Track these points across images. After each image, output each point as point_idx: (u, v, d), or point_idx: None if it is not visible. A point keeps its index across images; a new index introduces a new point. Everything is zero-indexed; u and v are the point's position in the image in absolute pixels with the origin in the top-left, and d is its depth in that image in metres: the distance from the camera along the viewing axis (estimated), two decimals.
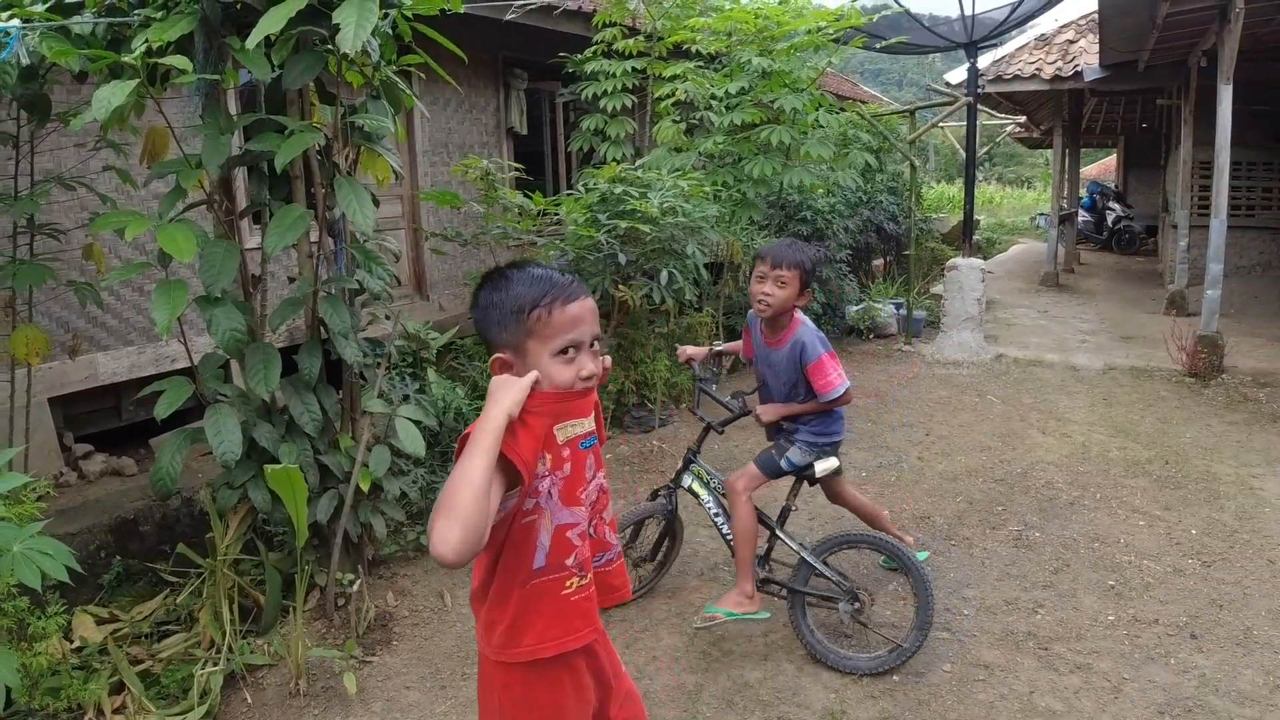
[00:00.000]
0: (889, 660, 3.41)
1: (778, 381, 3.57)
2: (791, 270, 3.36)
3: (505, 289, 1.78)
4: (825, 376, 3.43)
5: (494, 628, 1.84)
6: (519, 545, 1.79)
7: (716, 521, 3.70)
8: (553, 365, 1.75)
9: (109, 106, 2.63)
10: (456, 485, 1.56)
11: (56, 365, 5.24)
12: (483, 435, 1.61)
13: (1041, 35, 12.95)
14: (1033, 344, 9.04)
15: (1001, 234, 21.66)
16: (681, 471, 3.76)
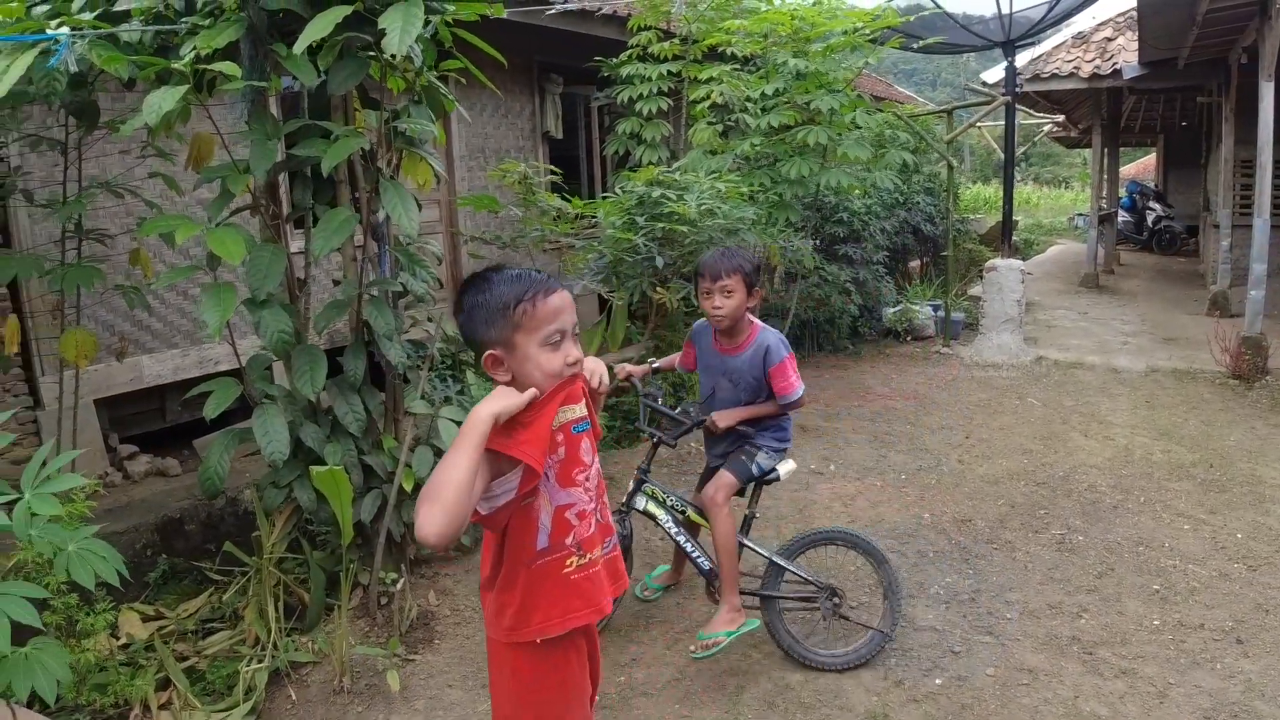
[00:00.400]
0: (871, 647, 3.46)
1: (735, 389, 3.50)
2: (732, 277, 3.33)
3: (488, 290, 1.89)
4: (787, 379, 3.41)
5: (504, 611, 1.94)
6: (523, 527, 1.91)
7: (679, 540, 3.53)
8: (541, 354, 1.87)
9: (159, 111, 2.68)
10: (443, 476, 1.67)
11: (102, 368, 5.34)
12: (470, 432, 1.72)
13: (1079, 33, 12.79)
14: (1073, 346, 8.93)
15: (1039, 235, 21.43)
16: (634, 493, 3.54)
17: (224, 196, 3.10)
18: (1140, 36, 10.06)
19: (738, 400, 3.49)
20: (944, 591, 4.04)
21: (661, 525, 3.52)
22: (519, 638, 1.95)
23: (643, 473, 3.54)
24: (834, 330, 8.60)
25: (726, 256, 3.40)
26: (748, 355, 3.44)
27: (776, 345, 3.42)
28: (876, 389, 7.41)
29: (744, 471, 3.48)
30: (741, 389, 3.47)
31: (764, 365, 3.39)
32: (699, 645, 3.34)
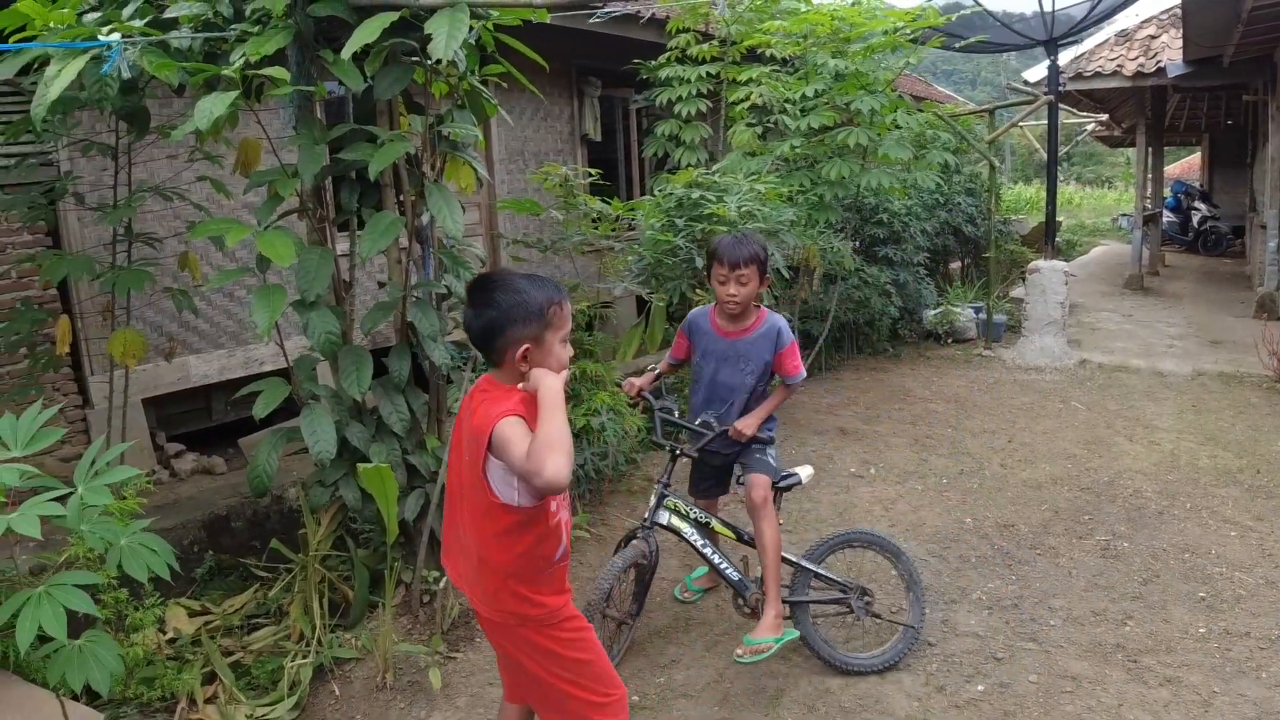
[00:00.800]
0: (904, 645, 3.46)
1: (741, 371, 3.50)
2: (750, 266, 3.36)
3: (522, 292, 2.20)
4: (796, 359, 3.51)
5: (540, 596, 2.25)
6: (551, 539, 2.24)
7: (705, 554, 3.43)
8: (559, 348, 2.24)
9: (210, 116, 2.73)
10: (559, 431, 1.95)
11: (150, 367, 5.45)
12: (559, 398, 2.04)
13: (1122, 31, 12.60)
14: (1118, 349, 8.80)
15: (1082, 235, 21.12)
16: (656, 508, 3.41)
17: (273, 200, 3.15)
18: (1184, 34, 9.90)
19: (745, 384, 3.51)
20: (986, 597, 4.00)
21: (686, 539, 3.44)
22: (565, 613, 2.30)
23: (663, 487, 3.45)
24: (874, 332, 8.55)
25: (743, 244, 3.40)
26: (757, 336, 3.48)
27: (786, 328, 3.50)
28: (917, 392, 7.35)
29: (769, 468, 3.49)
30: (748, 372, 3.49)
31: (775, 346, 3.45)
32: (746, 650, 3.23)
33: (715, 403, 3.56)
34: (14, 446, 2.25)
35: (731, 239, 3.46)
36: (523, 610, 2.24)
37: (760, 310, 3.53)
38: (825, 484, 5.32)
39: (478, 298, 2.23)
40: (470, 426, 2.20)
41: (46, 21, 3.16)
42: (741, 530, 3.53)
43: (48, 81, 2.89)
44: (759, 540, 3.39)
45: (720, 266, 3.40)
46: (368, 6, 3.05)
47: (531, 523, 2.18)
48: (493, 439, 2.06)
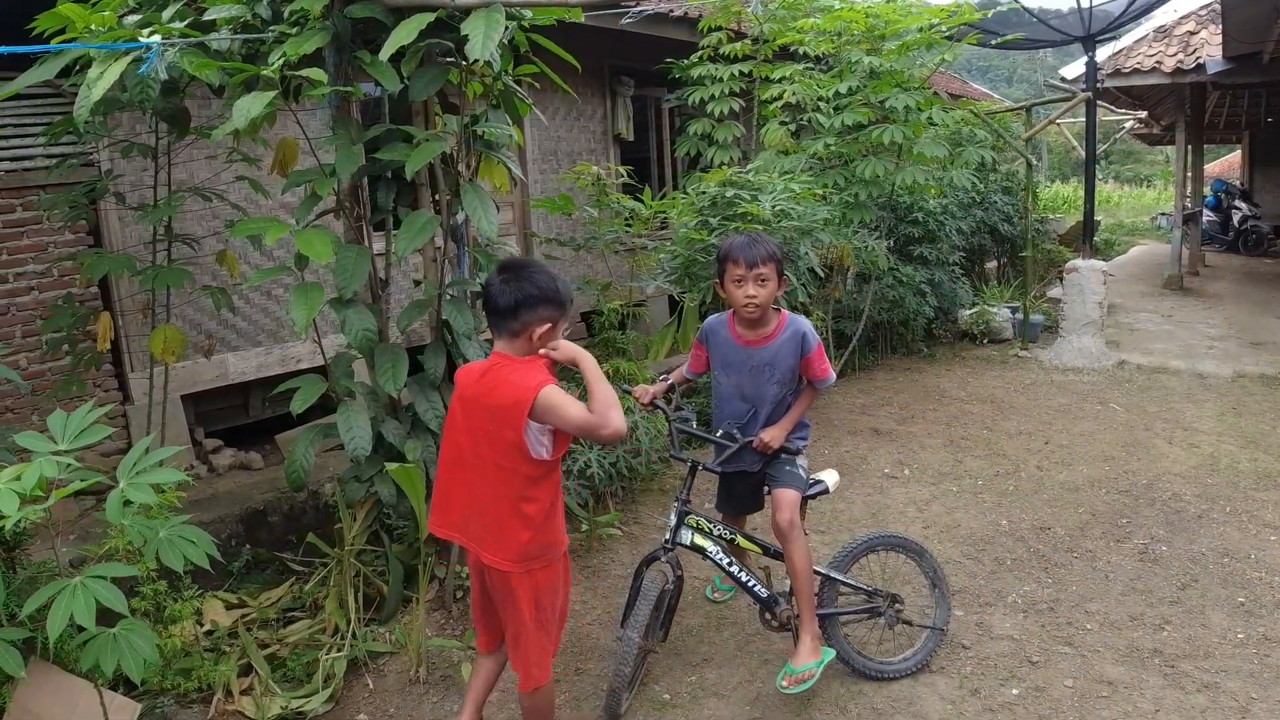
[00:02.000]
0: (931, 646, 3.46)
1: (767, 381, 3.29)
2: (768, 265, 3.17)
3: (557, 280, 2.58)
4: (825, 362, 3.31)
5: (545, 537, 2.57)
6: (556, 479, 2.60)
7: (732, 572, 3.27)
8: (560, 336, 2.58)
9: (248, 116, 2.77)
10: (612, 393, 2.41)
11: (189, 365, 5.53)
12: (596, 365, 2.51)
13: (1161, 27, 12.41)
14: (1157, 350, 8.67)
15: (1120, 235, 20.83)
16: (677, 527, 3.21)
17: (311, 199, 3.19)
18: (1223, 30, 9.73)
19: (770, 394, 3.30)
20: (1022, 600, 3.96)
21: (711, 558, 3.26)
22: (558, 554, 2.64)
23: (683, 504, 3.23)
24: (908, 332, 8.48)
25: (759, 243, 3.22)
26: (781, 342, 3.28)
27: (810, 330, 3.30)
28: (952, 392, 7.29)
29: (799, 481, 3.29)
30: (775, 380, 3.28)
31: (800, 350, 3.25)
32: (790, 680, 3.11)
33: (739, 415, 3.34)
34: (62, 441, 2.29)
35: (744, 238, 3.28)
36: (542, 554, 2.58)
37: (780, 314, 3.34)
38: (859, 485, 5.29)
39: (516, 274, 2.55)
40: (495, 397, 2.49)
41: (87, 24, 3.22)
42: (769, 544, 3.34)
43: (90, 83, 2.95)
44: (790, 565, 3.21)
45: (736, 266, 3.21)
46: (404, 8, 3.08)
47: (553, 470, 2.56)
48: (537, 405, 2.39)
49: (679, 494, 3.25)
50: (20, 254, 4.91)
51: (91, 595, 2.14)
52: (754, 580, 3.28)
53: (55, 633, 2.08)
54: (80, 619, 2.08)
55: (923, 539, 4.54)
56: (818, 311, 6.96)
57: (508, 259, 2.75)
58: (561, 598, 2.72)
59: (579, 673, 3.48)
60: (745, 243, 3.24)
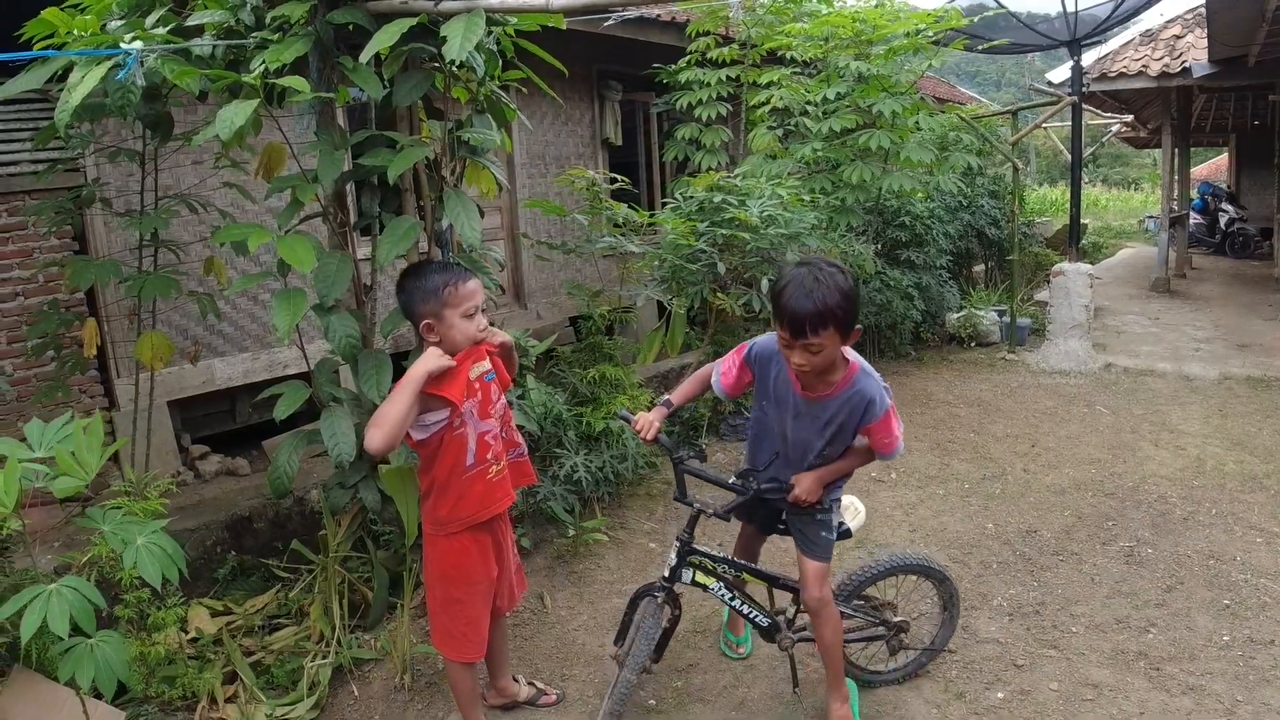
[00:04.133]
0: (925, 660, 3.42)
1: (816, 432, 2.83)
2: (821, 333, 2.52)
3: (424, 277, 2.71)
4: (890, 434, 2.77)
5: (440, 510, 2.77)
6: (455, 450, 2.73)
7: (733, 606, 3.09)
8: (460, 323, 2.68)
9: (232, 126, 2.75)
10: (387, 410, 2.52)
11: (175, 370, 5.50)
12: (409, 383, 2.55)
13: (1146, 31, 12.47)
14: (1143, 352, 8.71)
15: (1108, 238, 20.93)
16: (678, 567, 2.98)
17: (293, 205, 3.18)
18: (1209, 33, 9.78)
19: (815, 446, 2.85)
20: (1008, 603, 3.97)
21: (714, 594, 3.07)
22: (454, 528, 2.78)
23: (685, 543, 2.97)
24: (896, 336, 8.51)
25: (814, 296, 2.49)
26: (841, 402, 2.74)
27: (879, 396, 2.72)
28: (939, 396, 7.31)
29: (825, 546, 2.96)
30: (825, 435, 2.81)
31: (860, 419, 2.75)
32: None
33: (780, 458, 2.94)
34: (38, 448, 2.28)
35: (800, 285, 2.52)
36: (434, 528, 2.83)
37: (850, 366, 2.74)
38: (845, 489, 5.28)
39: (398, 283, 2.79)
40: None
41: (70, 29, 3.22)
42: (776, 576, 3.16)
43: (70, 88, 2.93)
44: (819, 643, 2.99)
45: (782, 329, 2.59)
46: (386, 13, 3.07)
47: (435, 452, 2.73)
48: None
49: (682, 534, 2.98)
50: (6, 259, 4.89)
51: (66, 603, 2.13)
52: (755, 611, 3.10)
53: (27, 636, 2.08)
54: (54, 627, 2.07)
55: (909, 542, 4.57)
56: None
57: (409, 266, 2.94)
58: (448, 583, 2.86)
59: (565, 678, 3.47)
60: (798, 295, 2.51)
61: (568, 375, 4.93)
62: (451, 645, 2.89)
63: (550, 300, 8.16)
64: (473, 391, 2.74)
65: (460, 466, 2.74)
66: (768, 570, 3.20)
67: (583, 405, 4.76)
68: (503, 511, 2.92)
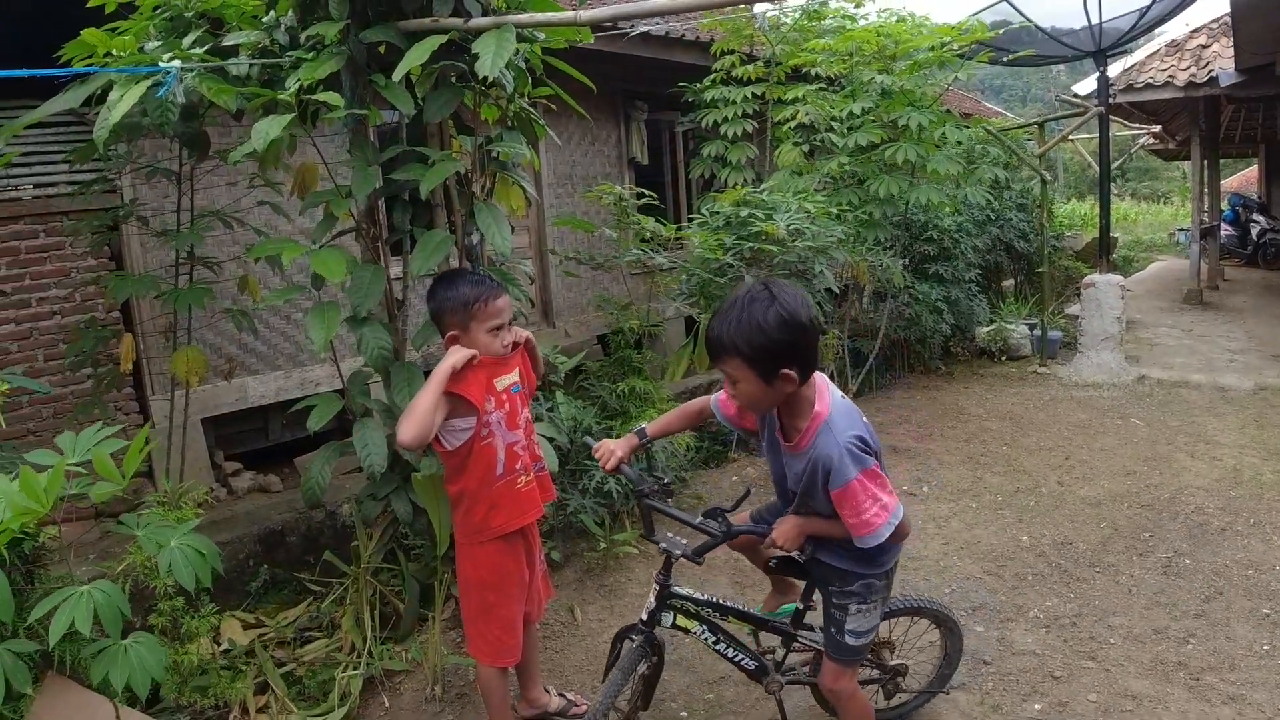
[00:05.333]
0: (919, 702, 3.23)
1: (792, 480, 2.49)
2: (728, 360, 2.24)
3: (457, 288, 2.75)
4: (858, 511, 2.28)
5: (473, 519, 2.80)
6: (484, 460, 2.76)
7: (719, 650, 2.83)
8: (485, 338, 2.74)
9: (267, 138, 2.80)
10: (417, 403, 2.56)
11: (210, 388, 5.57)
12: (435, 377, 2.60)
13: (1172, 41, 12.40)
14: (1177, 364, 8.60)
15: (1139, 251, 20.72)
16: (657, 610, 2.75)
17: (327, 220, 3.22)
18: (1235, 42, 9.71)
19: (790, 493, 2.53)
20: (1044, 615, 3.92)
21: (698, 638, 2.82)
22: (486, 536, 2.81)
23: (663, 585, 2.72)
24: (925, 350, 8.46)
25: (728, 320, 2.23)
26: (807, 459, 2.36)
27: (839, 458, 2.26)
28: (970, 410, 7.25)
29: (847, 652, 2.59)
30: (809, 493, 2.43)
31: (824, 482, 2.34)
32: None
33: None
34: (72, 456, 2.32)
35: (729, 305, 2.27)
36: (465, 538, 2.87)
37: (815, 415, 2.33)
38: None
39: (430, 290, 2.83)
40: None
41: (109, 49, 3.29)
42: (765, 619, 2.89)
43: (110, 106, 3.00)
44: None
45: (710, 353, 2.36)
46: (417, 31, 3.12)
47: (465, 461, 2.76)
48: None
49: (659, 575, 2.73)
50: (43, 278, 4.99)
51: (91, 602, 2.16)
52: (741, 654, 2.84)
53: (55, 638, 2.10)
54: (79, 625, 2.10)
55: (942, 555, 4.53)
56: (833, 330, 6.96)
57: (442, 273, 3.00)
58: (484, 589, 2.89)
59: (596, 690, 3.46)
60: (717, 315, 2.30)
61: (597, 389, 4.94)
62: (487, 651, 2.91)
63: (578, 318, 8.19)
64: (500, 402, 2.78)
65: (490, 476, 2.78)
66: (755, 613, 2.90)
67: (612, 419, 4.78)
68: (533, 521, 2.96)
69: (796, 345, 2.20)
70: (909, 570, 4.37)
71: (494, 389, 2.77)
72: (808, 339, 2.22)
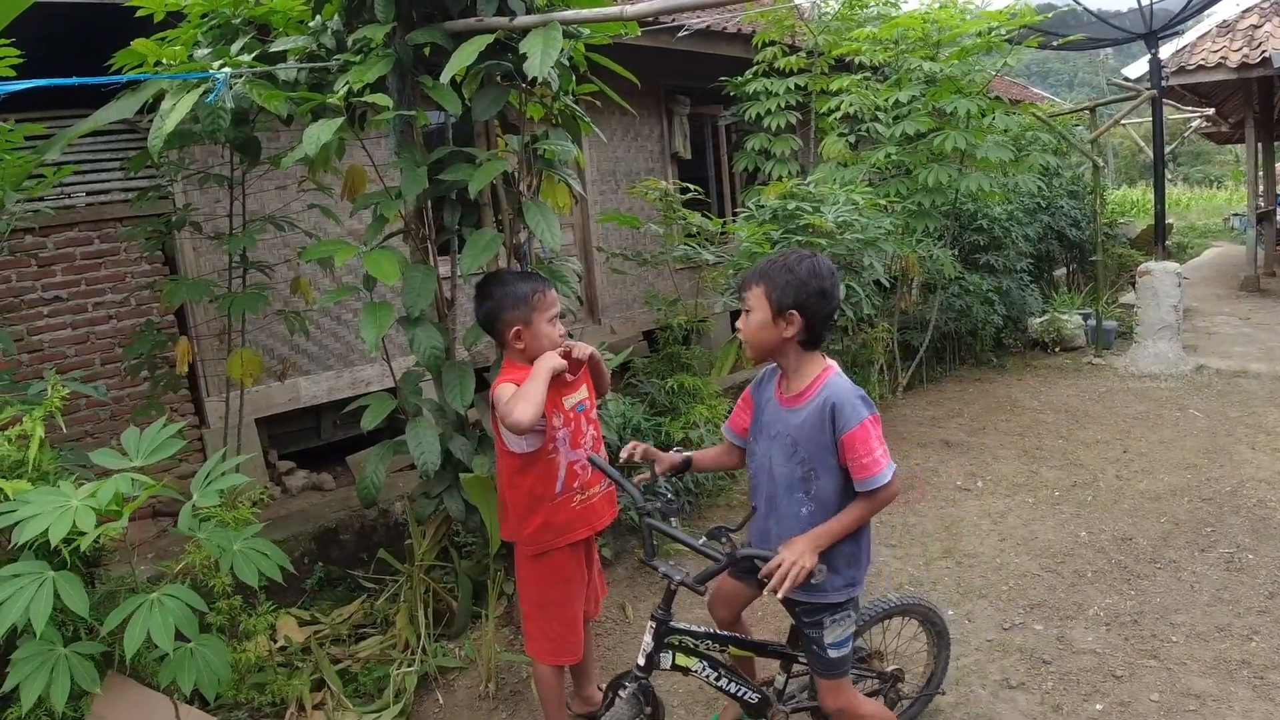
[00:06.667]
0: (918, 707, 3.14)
1: (791, 461, 2.42)
2: (752, 290, 2.40)
3: (512, 284, 2.82)
4: (869, 452, 2.30)
5: (526, 529, 2.85)
6: (546, 475, 2.80)
7: (720, 686, 2.68)
8: (547, 328, 2.79)
9: (318, 142, 2.84)
10: (532, 389, 2.57)
11: (263, 389, 5.66)
12: (543, 371, 2.62)
13: (1224, 21, 12.07)
14: (1236, 353, 8.39)
15: (1193, 237, 20.27)
16: (655, 652, 2.53)
17: (379, 222, 3.25)
18: None
19: (795, 480, 2.42)
20: (1104, 613, 3.84)
21: (697, 676, 2.66)
22: (544, 547, 2.85)
23: (662, 621, 2.51)
24: (976, 342, 8.34)
25: (766, 262, 2.46)
26: (810, 409, 2.38)
27: (850, 400, 2.34)
28: (1024, 402, 7.13)
29: (834, 666, 2.52)
30: (798, 461, 2.40)
31: (832, 430, 2.34)
32: None
33: (751, 514, 2.56)
34: (136, 457, 2.36)
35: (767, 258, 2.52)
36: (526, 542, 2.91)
37: (822, 371, 2.43)
38: (931, 497, 5.20)
39: (479, 291, 2.87)
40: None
41: (160, 58, 3.35)
42: (764, 644, 2.77)
43: (164, 114, 3.05)
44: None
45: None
46: (463, 31, 3.13)
47: (533, 464, 2.78)
48: (492, 400, 2.72)
49: (657, 610, 2.53)
50: (99, 284, 5.09)
51: (169, 615, 2.19)
52: (743, 688, 2.70)
53: (132, 650, 2.14)
54: (156, 638, 2.13)
55: (999, 552, 4.46)
56: (883, 323, 6.88)
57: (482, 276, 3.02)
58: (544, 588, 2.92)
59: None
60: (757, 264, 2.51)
61: (645, 385, 4.93)
62: (548, 649, 2.93)
63: (624, 315, 8.19)
64: (567, 420, 2.82)
65: (549, 492, 2.81)
66: (753, 639, 2.79)
67: (661, 415, 4.76)
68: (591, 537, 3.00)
69: (811, 297, 2.36)
70: (965, 567, 4.31)
71: (562, 406, 2.81)
72: (823, 304, 2.38)
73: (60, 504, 2.08)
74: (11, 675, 2.15)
